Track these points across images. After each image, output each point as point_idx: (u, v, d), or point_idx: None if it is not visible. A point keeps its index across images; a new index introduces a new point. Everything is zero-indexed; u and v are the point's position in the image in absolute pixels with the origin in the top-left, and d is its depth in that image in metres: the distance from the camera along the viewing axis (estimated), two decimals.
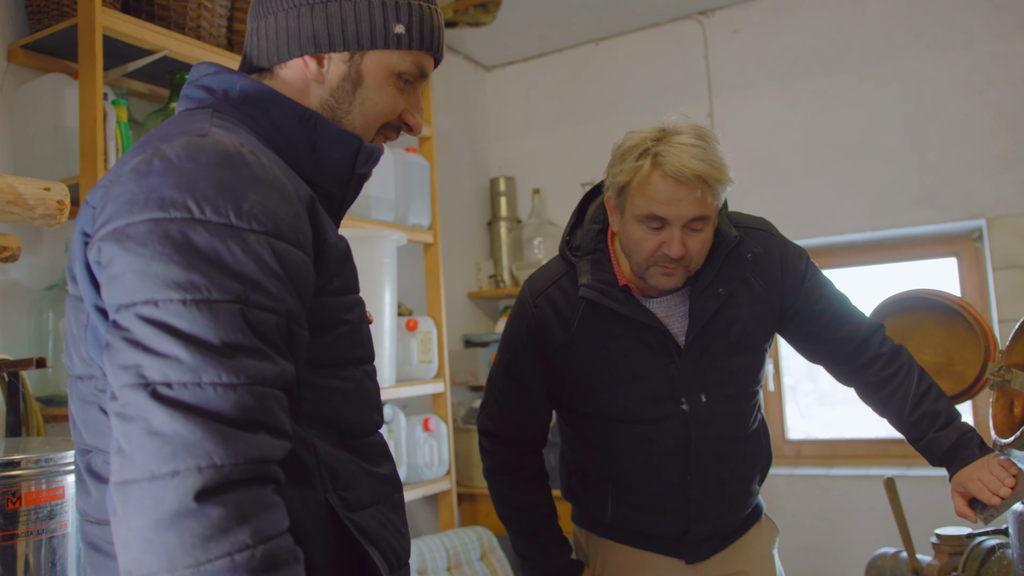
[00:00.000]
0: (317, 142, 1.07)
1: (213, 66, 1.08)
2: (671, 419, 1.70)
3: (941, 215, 3.26)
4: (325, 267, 1.01)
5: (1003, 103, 3.16)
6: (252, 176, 0.90)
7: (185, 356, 0.82)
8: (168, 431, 0.80)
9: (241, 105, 1.05)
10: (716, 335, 1.70)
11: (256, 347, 0.86)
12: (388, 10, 1.09)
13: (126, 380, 0.83)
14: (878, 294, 2.01)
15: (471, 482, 3.51)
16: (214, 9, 2.26)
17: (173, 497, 0.78)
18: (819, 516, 3.38)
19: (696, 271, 1.66)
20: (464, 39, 3.88)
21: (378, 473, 1.09)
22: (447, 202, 3.74)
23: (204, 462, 0.79)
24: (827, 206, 3.45)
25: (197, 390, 0.81)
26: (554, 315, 1.72)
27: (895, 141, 3.35)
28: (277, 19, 1.09)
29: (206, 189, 0.87)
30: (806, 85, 3.52)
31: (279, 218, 0.91)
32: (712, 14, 3.74)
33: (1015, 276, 3.13)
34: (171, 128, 0.97)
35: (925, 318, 1.94)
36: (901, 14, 3.36)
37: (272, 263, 0.88)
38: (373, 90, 1.11)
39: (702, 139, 1.57)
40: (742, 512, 1.82)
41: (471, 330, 3.93)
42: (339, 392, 1.04)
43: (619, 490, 1.79)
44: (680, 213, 1.55)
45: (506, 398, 1.81)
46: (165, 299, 0.83)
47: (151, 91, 2.40)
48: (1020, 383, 1.47)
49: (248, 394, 0.84)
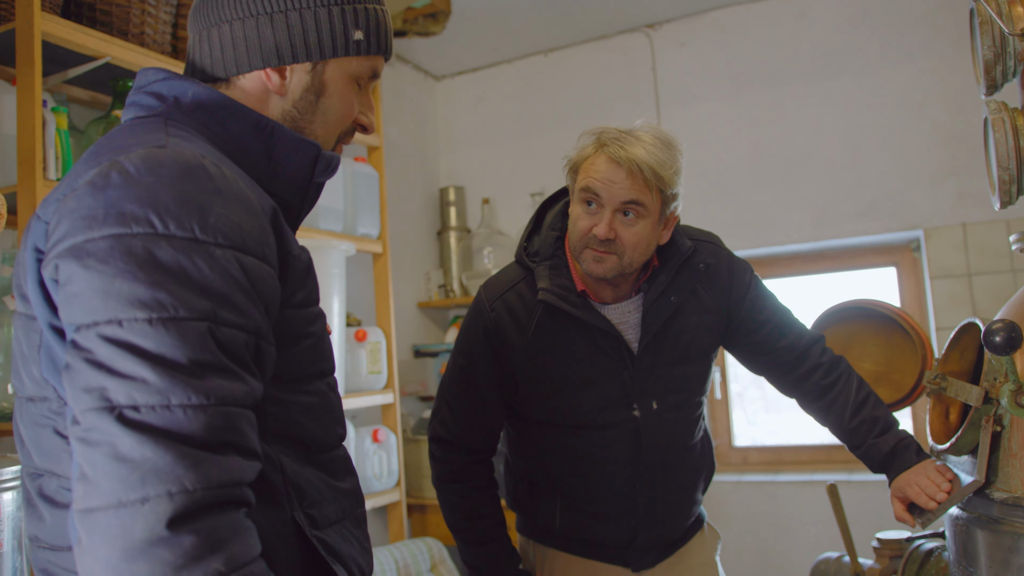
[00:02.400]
0: (274, 151, 1.05)
1: (162, 72, 1.05)
2: (622, 425, 1.71)
3: (881, 226, 3.35)
4: (290, 280, 0.99)
5: (939, 118, 3.26)
6: (215, 188, 0.88)
7: (152, 377, 0.79)
8: (136, 456, 0.77)
9: (194, 113, 1.02)
10: (667, 343, 1.72)
11: (225, 366, 0.83)
12: (347, 17, 1.07)
13: (90, 404, 0.79)
14: (822, 303, 2.05)
15: (421, 493, 3.49)
16: (158, 16, 2.22)
17: (143, 525, 0.75)
18: (765, 522, 3.43)
19: (636, 271, 1.69)
20: (414, 49, 3.88)
21: (342, 488, 1.08)
22: (396, 212, 3.72)
23: (175, 488, 0.76)
24: (772, 217, 3.51)
25: (166, 412, 0.78)
26: (510, 319, 1.72)
27: (837, 154, 3.43)
28: (233, 28, 1.05)
29: (169, 203, 0.84)
30: (751, 98, 3.59)
31: (245, 231, 0.88)
32: (659, 27, 3.79)
33: (951, 285, 3.22)
34: (125, 139, 0.94)
35: (865, 328, 1.99)
36: (842, 31, 3.45)
37: (240, 278, 0.86)
38: (335, 98, 1.10)
39: (659, 140, 1.62)
40: (686, 521, 1.85)
41: (421, 340, 3.92)
42: (305, 407, 1.03)
43: (568, 498, 1.79)
44: (613, 194, 1.59)
45: (460, 404, 1.79)
46: (130, 318, 0.80)
47: (93, 98, 2.35)
48: (955, 391, 1.51)
49: (218, 415, 0.81)
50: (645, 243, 1.64)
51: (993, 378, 1.40)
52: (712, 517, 3.45)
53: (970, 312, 3.15)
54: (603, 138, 1.62)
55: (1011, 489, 1.34)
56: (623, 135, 1.61)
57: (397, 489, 3.12)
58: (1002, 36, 1.47)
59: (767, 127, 3.55)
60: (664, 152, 1.61)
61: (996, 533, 1.30)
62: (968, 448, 1.46)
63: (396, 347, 3.40)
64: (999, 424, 1.39)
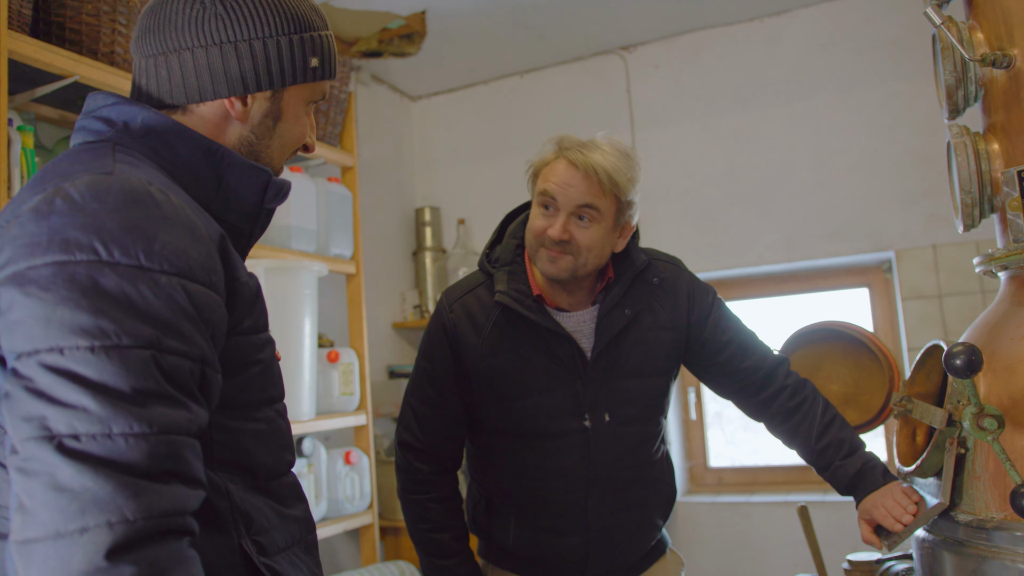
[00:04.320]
0: (224, 177, 1.05)
1: (111, 96, 1.05)
2: (573, 435, 1.73)
3: (853, 247, 3.37)
4: (237, 306, 0.99)
5: (909, 140, 3.30)
6: (162, 215, 0.87)
7: (93, 406, 0.78)
8: (75, 486, 0.75)
9: (143, 138, 1.02)
10: (621, 355, 1.75)
11: (169, 394, 0.82)
12: (305, 44, 1.10)
13: (28, 433, 0.78)
14: (794, 323, 2.06)
15: (394, 515, 3.46)
16: (128, 35, 2.21)
17: (82, 556, 0.73)
18: (739, 543, 3.42)
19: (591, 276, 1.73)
20: (390, 69, 3.88)
21: (292, 515, 1.08)
22: (371, 232, 3.71)
23: (115, 517, 0.75)
24: (745, 238, 3.53)
25: (107, 441, 0.77)
26: (468, 321, 1.77)
27: (809, 176, 3.46)
28: (195, 56, 1.05)
29: (113, 230, 0.83)
30: (724, 120, 3.62)
31: (191, 258, 0.88)
32: (634, 49, 3.82)
33: (922, 306, 3.25)
34: (72, 164, 0.93)
35: (834, 349, 2.00)
36: (814, 54, 3.49)
37: (185, 305, 0.86)
38: (291, 122, 1.13)
39: (616, 150, 1.68)
40: (644, 545, 1.84)
41: (396, 361, 3.89)
42: (252, 434, 1.02)
43: (521, 512, 1.80)
44: (569, 197, 1.64)
45: (422, 406, 1.81)
46: (71, 346, 0.79)
47: (62, 117, 2.33)
48: (920, 413, 1.51)
49: (161, 444, 0.80)
50: (599, 246, 1.68)
51: (956, 401, 1.41)
52: (686, 538, 3.45)
53: (941, 333, 3.18)
54: (563, 144, 1.70)
55: (975, 511, 1.34)
56: (583, 142, 1.68)
57: (370, 511, 3.09)
58: (963, 62, 1.49)
59: (740, 149, 3.58)
60: (621, 160, 1.67)
61: (961, 556, 1.30)
62: (933, 470, 1.47)
63: (370, 368, 3.37)
64: (963, 447, 1.40)
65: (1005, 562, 1.23)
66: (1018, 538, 1.23)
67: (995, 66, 1.42)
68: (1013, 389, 1.33)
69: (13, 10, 1.93)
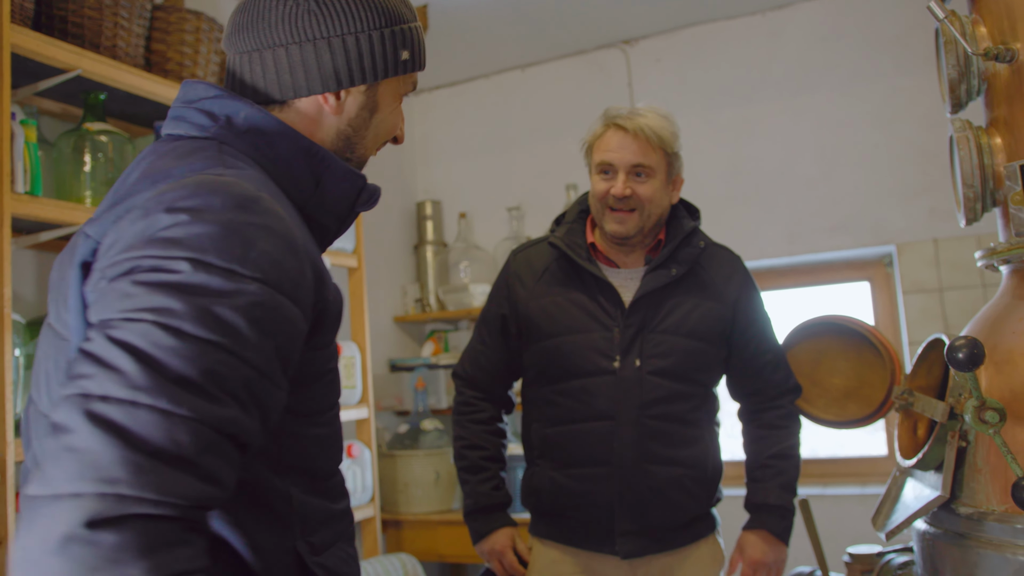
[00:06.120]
0: (322, 178, 1.08)
1: (212, 88, 1.06)
2: (603, 375, 1.85)
3: (854, 241, 3.38)
4: (325, 324, 1.01)
5: (911, 135, 3.30)
6: (265, 224, 0.89)
7: (132, 371, 0.78)
8: (84, 448, 0.75)
9: (245, 135, 1.04)
10: (660, 311, 1.88)
11: (212, 391, 0.81)
12: (396, 37, 1.12)
13: (69, 391, 0.79)
14: (796, 317, 2.07)
15: (396, 508, 3.47)
16: (131, 28, 2.21)
17: (66, 520, 0.73)
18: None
19: (653, 232, 1.93)
20: None
21: (338, 510, 1.10)
22: (373, 226, 3.71)
23: (107, 489, 0.74)
24: (747, 232, 3.53)
25: (130, 410, 0.77)
26: (527, 268, 2.01)
27: (811, 170, 3.46)
28: (290, 52, 1.07)
29: (216, 233, 0.85)
30: (727, 114, 3.62)
31: (283, 271, 0.89)
32: (636, 43, 3.82)
33: (923, 300, 3.25)
34: (180, 161, 0.96)
35: (835, 343, 2.00)
36: (816, 49, 3.48)
37: (262, 315, 0.86)
38: (386, 113, 1.16)
39: (657, 112, 1.90)
40: (675, 512, 1.88)
41: (397, 354, 3.90)
42: (316, 438, 1.05)
43: (556, 460, 1.90)
44: (624, 159, 1.86)
45: (476, 343, 2.06)
46: (137, 318, 0.80)
47: (64, 110, 2.33)
48: (921, 406, 1.52)
49: (184, 430, 0.78)
50: (658, 198, 1.90)
51: (958, 394, 1.41)
52: None
53: (942, 327, 3.18)
54: (609, 114, 1.92)
55: (976, 504, 1.35)
56: (627, 110, 1.91)
57: (372, 505, 3.10)
58: (966, 56, 1.49)
59: (742, 143, 3.58)
60: (662, 119, 1.89)
61: (961, 548, 1.31)
62: (935, 463, 1.47)
63: (371, 361, 3.38)
64: (964, 440, 1.40)
65: (1006, 554, 1.23)
66: (1019, 530, 1.24)
67: (998, 60, 1.42)
68: (1014, 383, 1.33)
69: (15, 4, 1.93)
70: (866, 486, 3.25)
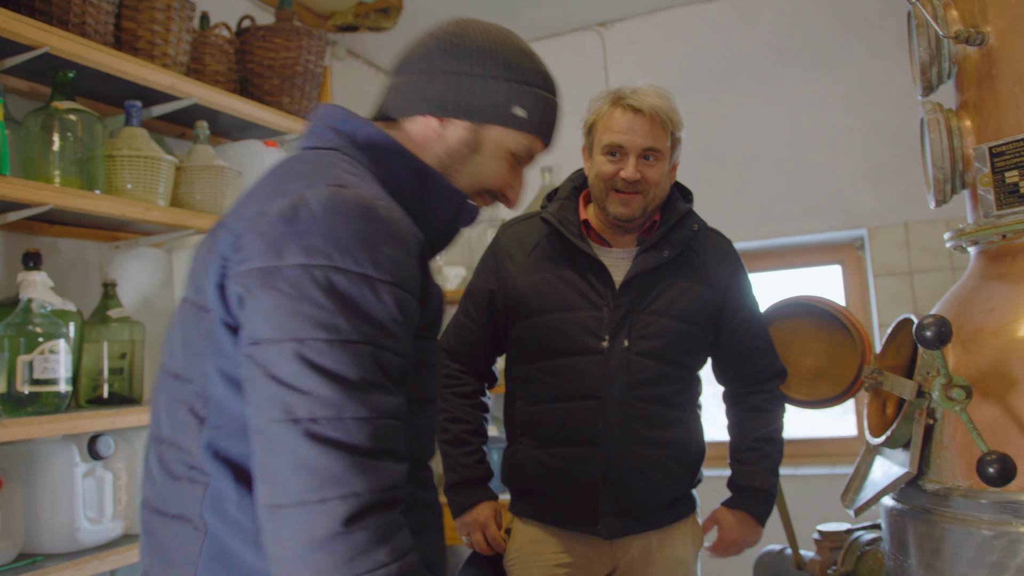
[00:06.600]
0: (428, 195, 1.18)
1: (343, 111, 1.19)
2: (591, 355, 1.84)
3: (826, 224, 3.41)
4: (427, 313, 1.10)
5: (882, 119, 3.33)
6: (387, 231, 0.99)
7: (328, 392, 0.90)
8: (315, 464, 0.89)
9: (364, 149, 1.16)
10: (651, 292, 1.87)
11: (384, 384, 0.95)
12: (513, 93, 1.21)
13: (274, 415, 0.91)
14: (768, 300, 2.09)
15: None
16: (100, 5, 2.17)
17: (324, 522, 0.88)
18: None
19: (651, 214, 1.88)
20: (365, 43, 3.85)
21: (428, 500, 1.19)
22: None
23: (347, 491, 0.89)
24: (720, 215, 3.51)
25: (340, 424, 0.90)
26: (517, 243, 1.97)
27: (783, 153, 3.48)
28: (412, 79, 1.21)
29: (347, 240, 0.95)
30: (700, 97, 3.62)
31: (404, 270, 1.00)
32: (611, 26, 3.82)
33: (893, 283, 3.29)
34: (308, 168, 1.06)
35: (807, 324, 2.03)
36: (789, 32, 3.50)
37: (396, 312, 0.98)
38: (487, 159, 1.23)
39: (660, 91, 1.87)
40: (658, 493, 1.89)
41: None
42: (417, 428, 1.12)
43: (540, 439, 1.89)
44: (635, 142, 1.81)
45: (460, 316, 2.03)
46: (312, 338, 0.91)
47: (32, 88, 2.29)
48: (890, 385, 1.54)
49: (379, 427, 0.93)
50: (664, 182, 1.87)
51: (926, 372, 1.44)
52: None
53: (912, 309, 3.23)
54: (617, 94, 1.86)
55: (942, 480, 1.37)
56: (635, 89, 1.86)
57: None
58: (937, 39, 1.51)
59: (715, 126, 3.59)
60: (668, 100, 1.87)
61: (927, 523, 1.33)
62: (903, 441, 1.50)
63: None
64: (932, 417, 1.42)
65: (970, 528, 1.26)
66: (983, 505, 1.27)
67: (968, 43, 1.44)
68: (980, 361, 1.36)
69: None
70: (836, 466, 3.29)
